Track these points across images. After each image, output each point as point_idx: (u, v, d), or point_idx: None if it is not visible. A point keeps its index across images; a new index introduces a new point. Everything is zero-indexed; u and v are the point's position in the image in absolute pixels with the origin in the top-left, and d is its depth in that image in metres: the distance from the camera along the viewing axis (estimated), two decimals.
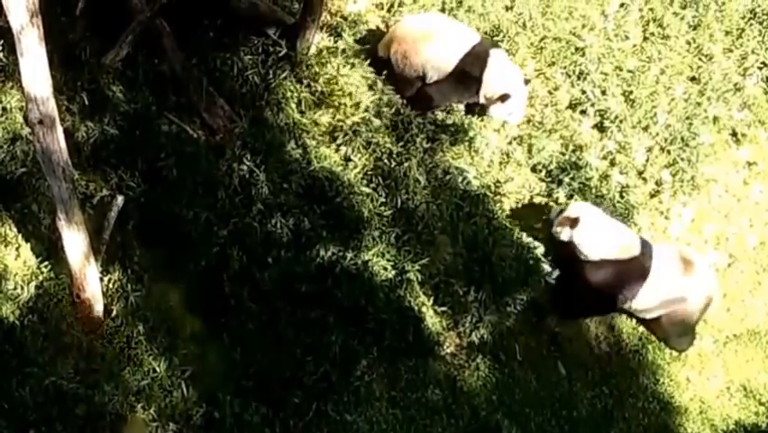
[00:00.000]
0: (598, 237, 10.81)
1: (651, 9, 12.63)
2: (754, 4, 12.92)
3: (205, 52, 11.20)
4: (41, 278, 10.13)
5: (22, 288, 10.07)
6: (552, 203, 11.46)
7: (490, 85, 11.30)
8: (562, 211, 11.01)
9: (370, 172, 11.06)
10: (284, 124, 11.04)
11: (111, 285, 10.24)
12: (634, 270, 10.93)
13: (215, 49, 11.24)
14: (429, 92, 11.44)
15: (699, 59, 12.54)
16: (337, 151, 11.11)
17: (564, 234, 10.91)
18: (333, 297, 10.52)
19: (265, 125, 10.97)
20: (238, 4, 11.23)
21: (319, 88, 11.22)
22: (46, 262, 10.21)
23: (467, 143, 11.56)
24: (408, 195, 11.04)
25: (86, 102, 10.71)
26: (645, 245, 10.96)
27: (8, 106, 10.54)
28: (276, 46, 11.23)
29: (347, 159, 11.09)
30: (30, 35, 8.66)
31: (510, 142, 11.72)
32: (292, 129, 11.05)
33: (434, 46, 11.30)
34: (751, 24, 12.85)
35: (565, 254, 11.02)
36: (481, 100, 11.45)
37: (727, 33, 12.77)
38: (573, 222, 10.83)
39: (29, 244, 10.22)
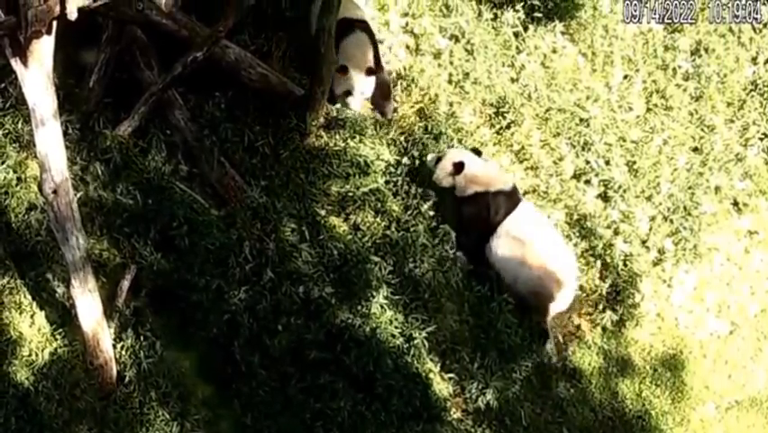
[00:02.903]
0: (474, 176, 11.32)
1: (654, 81, 12.80)
2: (755, 77, 13.10)
3: (216, 123, 11.33)
4: (55, 345, 10.26)
5: (37, 354, 10.20)
6: None
7: None
8: (439, 159, 11.40)
9: (378, 240, 11.14)
10: (294, 193, 11.14)
11: (124, 351, 10.35)
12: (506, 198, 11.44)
13: (226, 120, 11.35)
14: None
15: (702, 129, 12.68)
16: (346, 220, 11.20)
17: (446, 180, 11.36)
18: (342, 363, 10.58)
19: (275, 195, 11.06)
20: (248, 76, 11.37)
21: (328, 159, 11.28)
22: (60, 330, 10.35)
23: None
24: (416, 262, 11.09)
25: (100, 172, 10.82)
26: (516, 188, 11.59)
27: (23, 176, 10.65)
28: (286, 117, 11.33)
29: (356, 227, 11.19)
30: (44, 108, 8.89)
31: None
32: (302, 198, 11.13)
33: None
34: (752, 96, 13.02)
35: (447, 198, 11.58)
36: None
37: (729, 105, 12.93)
38: (457, 167, 11.28)
39: (43, 312, 10.35)
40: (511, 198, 11.42)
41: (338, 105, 11.64)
